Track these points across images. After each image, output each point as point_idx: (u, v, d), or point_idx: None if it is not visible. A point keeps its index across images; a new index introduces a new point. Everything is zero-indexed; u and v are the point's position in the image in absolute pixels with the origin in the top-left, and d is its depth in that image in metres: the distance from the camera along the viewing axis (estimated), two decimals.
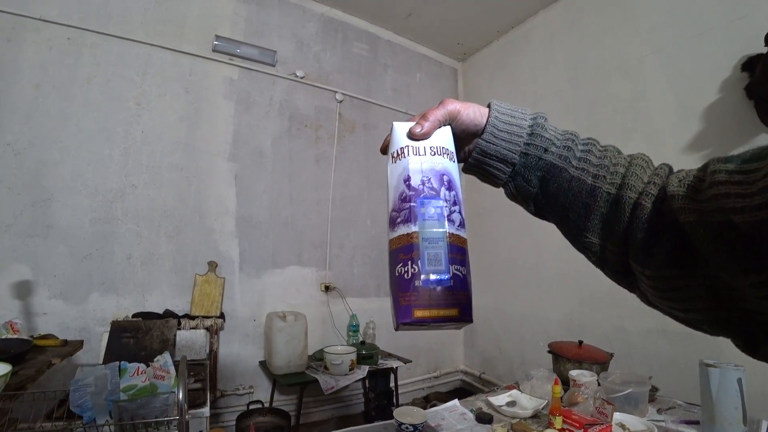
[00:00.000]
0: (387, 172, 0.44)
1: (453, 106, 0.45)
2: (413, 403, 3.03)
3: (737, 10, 1.96)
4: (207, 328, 1.95)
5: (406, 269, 0.37)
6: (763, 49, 1.77)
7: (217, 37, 2.44)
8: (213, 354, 1.90)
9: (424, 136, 0.43)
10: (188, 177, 2.30)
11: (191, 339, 1.93)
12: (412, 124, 0.44)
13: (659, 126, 2.28)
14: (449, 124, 0.45)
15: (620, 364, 1.91)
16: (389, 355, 2.58)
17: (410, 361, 2.54)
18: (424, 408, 2.87)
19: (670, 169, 0.42)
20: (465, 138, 0.47)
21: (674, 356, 2.06)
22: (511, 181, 0.47)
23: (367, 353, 2.35)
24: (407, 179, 0.40)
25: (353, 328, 2.69)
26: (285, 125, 2.69)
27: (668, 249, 0.36)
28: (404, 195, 0.40)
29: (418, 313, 0.36)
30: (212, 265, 2.18)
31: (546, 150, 0.45)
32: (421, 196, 0.39)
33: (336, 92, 2.91)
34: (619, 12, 2.50)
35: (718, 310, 0.34)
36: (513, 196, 0.48)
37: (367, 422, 2.48)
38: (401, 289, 0.37)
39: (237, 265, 2.40)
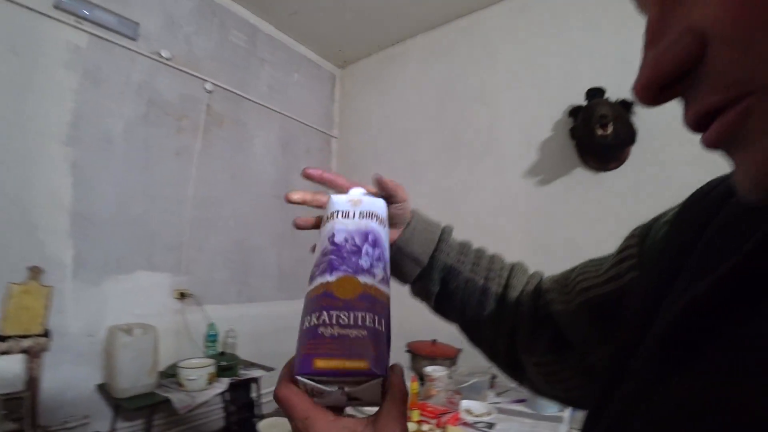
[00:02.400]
0: (319, 238, 0.45)
1: (403, 191, 0.50)
2: (277, 412, 2.96)
3: (572, 67, 2.47)
4: (25, 351, 1.57)
5: (312, 317, 0.34)
6: (584, 102, 2.27)
7: None
8: (33, 382, 1.53)
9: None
10: (6, 160, 1.83)
11: (2, 367, 1.53)
12: (348, 197, 0.45)
13: (507, 153, 2.72)
14: (388, 199, 0.47)
15: (467, 356, 2.20)
16: (251, 365, 2.47)
17: (273, 369, 2.46)
18: None
19: (541, 273, 0.54)
20: (392, 223, 0.51)
21: None
22: (418, 280, 0.54)
23: (226, 364, 2.21)
24: (331, 237, 0.40)
25: (211, 338, 2.49)
26: (142, 110, 2.35)
27: (547, 338, 0.45)
28: (326, 250, 0.39)
29: (319, 364, 0.31)
30: (35, 272, 1.76)
31: (448, 255, 0.53)
32: (342, 250, 0.39)
33: (206, 81, 2.66)
34: (485, 49, 2.89)
35: (590, 385, 0.42)
36: (418, 293, 0.56)
37: None
38: (306, 337, 0.33)
39: (70, 271, 1.99)
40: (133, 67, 2.32)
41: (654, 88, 0.19)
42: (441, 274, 0.53)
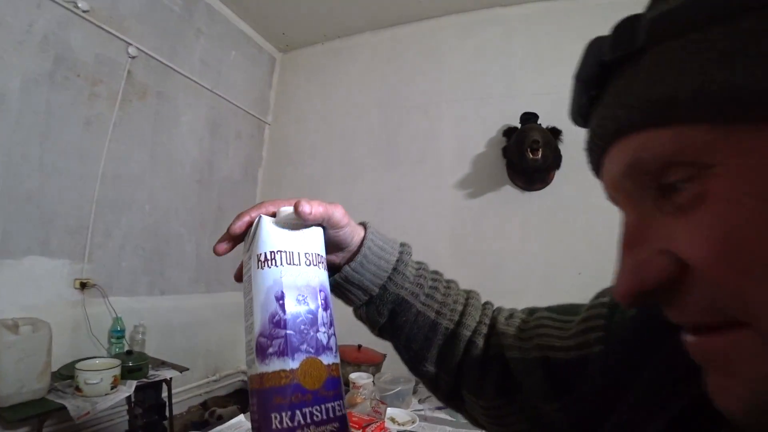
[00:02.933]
0: (247, 274, 0.37)
1: (341, 214, 0.43)
2: (189, 412, 2.75)
3: (510, 90, 2.63)
4: None
5: (284, 418, 0.31)
6: (518, 124, 2.42)
7: None
8: None
9: (310, 218, 0.39)
10: None
11: None
12: (279, 221, 0.39)
13: (443, 163, 2.81)
14: (324, 227, 0.42)
15: (391, 363, 2.24)
16: (162, 364, 2.25)
17: (187, 369, 2.26)
18: (202, 417, 2.66)
19: (494, 308, 0.51)
20: (332, 249, 0.45)
21: None
22: (363, 307, 0.49)
23: (134, 365, 1.98)
24: (280, 297, 0.34)
25: (117, 334, 2.22)
26: (47, 67, 1.99)
27: (495, 380, 0.45)
28: (278, 318, 0.34)
29: None
30: None
31: (401, 287, 0.48)
32: (298, 321, 0.34)
33: (130, 45, 2.34)
34: (432, 58, 2.95)
35: (534, 430, 0.44)
36: (361, 318, 0.51)
37: None
38: None
39: None
40: (40, 13, 1.96)
41: (635, 296, 0.20)
42: (390, 306, 0.48)
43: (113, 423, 2.27)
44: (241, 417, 1.41)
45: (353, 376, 1.66)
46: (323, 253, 0.40)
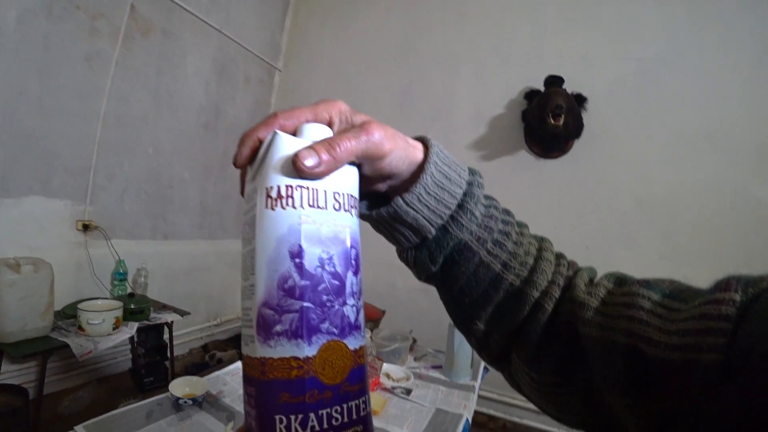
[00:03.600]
0: (250, 214, 0.27)
1: (380, 139, 0.31)
2: (190, 354, 2.86)
3: (536, 50, 2.45)
4: None
5: (297, 423, 0.23)
6: (542, 88, 2.27)
7: None
8: None
9: (321, 177, 0.27)
10: None
11: None
12: (305, 142, 0.28)
13: (458, 121, 2.69)
14: (359, 163, 0.31)
15: (388, 317, 2.26)
16: (164, 307, 2.30)
17: (188, 313, 2.32)
18: (203, 358, 2.77)
19: (569, 264, 0.41)
20: (372, 179, 0.34)
21: (431, 311, 2.51)
22: (412, 250, 0.38)
23: (136, 308, 2.03)
24: (298, 254, 0.25)
25: (119, 277, 2.26)
26: None
27: (558, 354, 0.36)
28: (291, 284, 0.25)
29: None
30: None
31: (467, 228, 0.37)
32: (320, 289, 0.26)
33: None
34: (455, 11, 2.74)
35: (588, 416, 0.37)
36: (407, 262, 0.40)
37: (137, 381, 2.21)
38: None
39: None
40: None
41: None
42: (448, 251, 0.37)
43: (116, 361, 2.37)
44: (239, 363, 1.43)
45: None
46: (357, 193, 0.30)
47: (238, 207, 3.24)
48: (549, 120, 2.12)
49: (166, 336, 2.29)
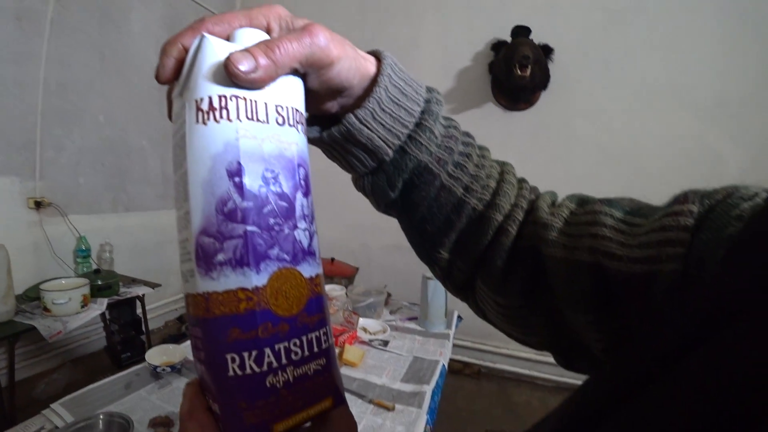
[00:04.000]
0: (179, 133, 0.24)
1: (325, 42, 0.27)
2: (166, 326, 2.83)
3: (502, 1, 2.37)
4: None
5: (247, 361, 0.21)
6: (508, 38, 2.24)
7: None
8: None
9: (259, 84, 0.24)
10: None
11: None
12: (238, 46, 0.24)
13: (424, 74, 2.60)
14: (303, 73, 0.28)
15: (362, 275, 2.30)
16: (133, 281, 2.25)
17: (159, 285, 2.28)
18: (179, 330, 2.75)
19: (531, 189, 0.40)
20: (322, 95, 0.31)
21: (404, 267, 2.49)
22: (369, 176, 0.35)
23: (104, 284, 1.96)
24: (237, 172, 0.22)
25: (82, 254, 2.17)
26: None
27: (522, 278, 0.36)
28: (231, 206, 0.22)
29: (279, 428, 0.22)
30: None
31: (426, 149, 0.34)
32: (266, 211, 0.23)
33: None
34: None
35: (551, 336, 0.38)
36: (363, 190, 0.37)
37: (113, 358, 2.18)
38: (244, 395, 0.21)
39: None
40: None
41: None
42: (407, 175, 0.35)
43: (89, 340, 2.32)
44: None
45: (327, 288, 1.69)
46: (303, 107, 0.27)
47: None
48: (516, 71, 2.10)
49: (139, 311, 2.25)
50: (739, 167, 2.01)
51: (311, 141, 0.33)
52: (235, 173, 0.22)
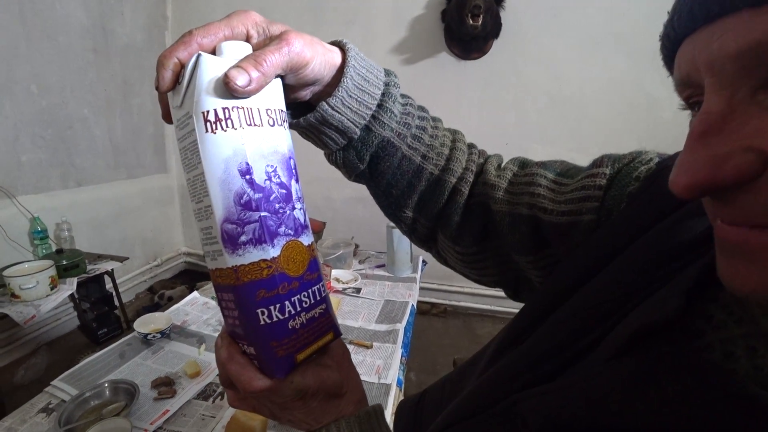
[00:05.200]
0: (188, 140, 0.28)
1: (301, 48, 0.31)
2: (138, 299, 2.83)
3: None
4: None
5: (273, 312, 0.29)
6: None
7: None
8: None
9: (253, 94, 0.28)
10: None
11: None
12: (229, 61, 0.28)
13: (375, 25, 2.58)
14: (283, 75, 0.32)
15: (329, 228, 2.36)
16: (99, 257, 2.22)
17: (127, 258, 2.26)
18: (152, 300, 2.76)
19: (479, 153, 0.48)
20: (295, 88, 0.35)
21: (368, 218, 2.65)
22: (340, 152, 0.41)
23: (69, 263, 1.93)
24: (247, 171, 0.28)
25: (39, 235, 2.09)
26: None
27: (475, 229, 0.45)
28: (247, 198, 0.28)
29: (300, 357, 0.31)
30: None
31: (387, 126, 0.40)
32: (272, 198, 0.29)
33: None
34: None
35: (501, 275, 0.49)
36: (335, 164, 0.43)
37: (90, 335, 2.19)
38: (274, 337, 0.29)
39: None
40: None
41: (701, 189, 0.18)
42: (373, 149, 0.41)
43: (61, 322, 2.30)
44: (195, 293, 1.48)
45: None
46: (284, 105, 0.32)
47: (154, 140, 2.99)
48: (468, 20, 2.11)
49: (109, 286, 2.24)
50: (672, 109, 2.18)
51: (290, 126, 0.38)
52: (246, 172, 0.28)
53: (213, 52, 0.29)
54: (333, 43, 0.37)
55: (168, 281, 3.08)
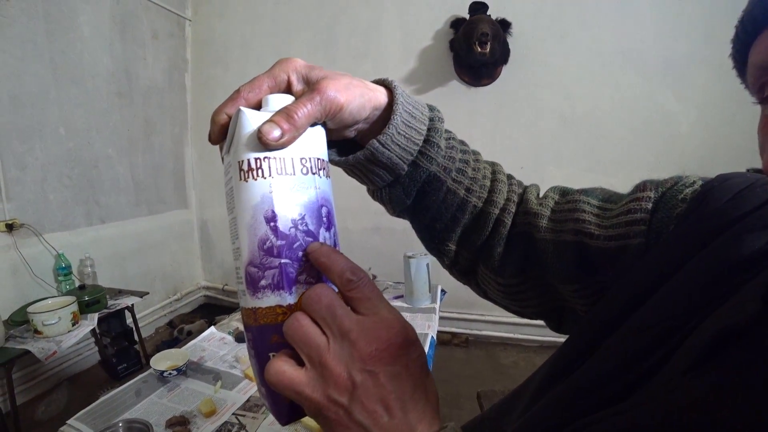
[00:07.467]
0: (229, 185, 0.30)
1: (334, 95, 0.32)
2: (157, 333, 2.83)
3: None
4: None
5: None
6: (467, 15, 2.27)
7: None
8: None
9: (286, 146, 0.29)
10: None
11: None
12: (267, 114, 0.29)
13: (387, 57, 2.65)
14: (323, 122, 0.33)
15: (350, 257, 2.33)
16: (119, 292, 2.25)
17: (146, 294, 2.28)
18: (172, 334, 2.76)
19: (518, 183, 0.48)
20: (339, 129, 0.36)
21: (385, 248, 2.65)
22: (387, 188, 0.41)
23: (91, 299, 1.96)
24: (272, 218, 0.28)
25: (63, 272, 2.14)
26: None
27: (517, 259, 0.44)
28: (269, 245, 0.28)
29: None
30: None
31: (434, 160, 0.40)
32: (295, 246, 0.29)
33: None
34: None
35: (543, 306, 0.47)
36: (381, 200, 0.43)
37: (109, 370, 2.18)
38: None
39: None
40: None
41: None
42: (419, 185, 0.41)
43: (82, 357, 2.31)
44: (212, 329, 1.47)
45: None
46: (325, 155, 0.32)
47: (174, 176, 3.08)
48: (476, 48, 2.15)
49: (129, 321, 2.25)
50: (688, 123, 2.15)
51: (334, 163, 0.38)
52: (271, 219, 0.28)
53: (259, 105, 0.32)
54: (377, 82, 0.38)
55: (187, 315, 3.09)
